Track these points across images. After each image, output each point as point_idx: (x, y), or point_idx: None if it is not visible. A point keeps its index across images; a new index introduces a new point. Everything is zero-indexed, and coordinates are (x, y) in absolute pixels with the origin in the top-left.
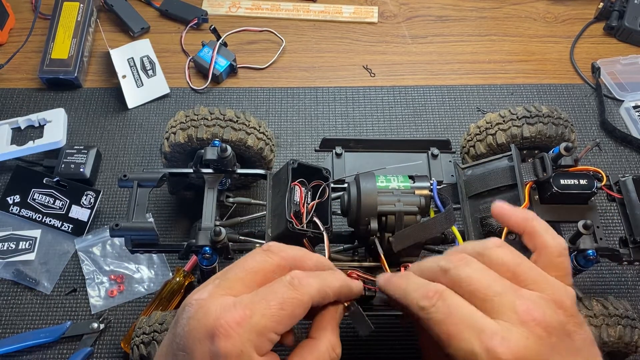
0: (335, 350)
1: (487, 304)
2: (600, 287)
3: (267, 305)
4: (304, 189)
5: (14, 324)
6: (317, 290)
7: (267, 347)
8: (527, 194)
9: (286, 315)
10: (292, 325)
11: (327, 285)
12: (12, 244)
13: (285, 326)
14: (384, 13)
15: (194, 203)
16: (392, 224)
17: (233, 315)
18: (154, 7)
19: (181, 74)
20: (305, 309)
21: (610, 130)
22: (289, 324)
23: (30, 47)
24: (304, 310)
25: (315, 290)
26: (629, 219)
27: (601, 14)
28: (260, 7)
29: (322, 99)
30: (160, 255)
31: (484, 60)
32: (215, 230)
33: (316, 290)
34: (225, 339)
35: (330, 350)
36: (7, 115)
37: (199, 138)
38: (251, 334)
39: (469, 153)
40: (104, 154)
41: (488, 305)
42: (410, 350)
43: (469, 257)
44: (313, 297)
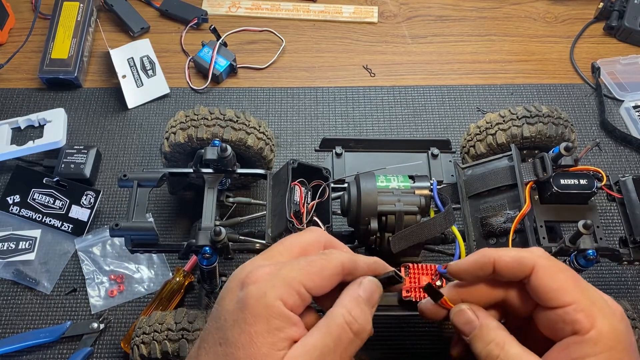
0: (351, 313)
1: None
2: (600, 287)
3: (297, 263)
4: (303, 188)
5: (14, 324)
6: (348, 258)
7: (294, 299)
8: (528, 195)
9: (314, 272)
10: (323, 287)
11: (359, 257)
12: (12, 244)
13: (315, 284)
14: (384, 13)
15: (194, 203)
16: (392, 224)
17: (264, 269)
18: (154, 7)
19: (181, 74)
20: (336, 273)
21: (610, 130)
22: (319, 283)
23: (30, 47)
24: (334, 271)
25: (346, 257)
26: (629, 219)
27: (601, 14)
28: (260, 7)
29: (322, 99)
30: (160, 255)
31: (484, 60)
32: (215, 230)
33: (347, 258)
34: (252, 284)
35: (345, 313)
36: (7, 115)
37: (199, 138)
38: (277, 281)
39: (469, 153)
40: (104, 154)
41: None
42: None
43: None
44: (343, 262)
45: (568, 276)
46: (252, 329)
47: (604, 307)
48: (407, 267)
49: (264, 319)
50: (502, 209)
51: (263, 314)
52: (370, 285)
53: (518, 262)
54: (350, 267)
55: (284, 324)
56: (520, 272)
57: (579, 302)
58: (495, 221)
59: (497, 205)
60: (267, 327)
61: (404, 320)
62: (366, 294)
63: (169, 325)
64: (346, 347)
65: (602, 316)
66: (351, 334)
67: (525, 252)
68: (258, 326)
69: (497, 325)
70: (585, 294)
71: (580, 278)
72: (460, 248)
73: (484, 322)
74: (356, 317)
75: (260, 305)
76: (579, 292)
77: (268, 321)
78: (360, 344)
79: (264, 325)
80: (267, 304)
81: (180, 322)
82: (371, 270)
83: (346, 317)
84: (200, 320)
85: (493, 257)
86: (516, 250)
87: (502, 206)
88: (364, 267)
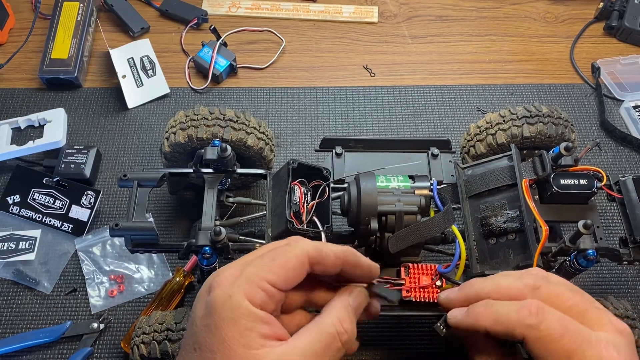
0: (342, 324)
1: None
2: (600, 287)
3: (260, 259)
4: (303, 188)
5: (14, 324)
6: (313, 246)
7: (259, 295)
8: (526, 189)
9: (277, 265)
10: (290, 280)
11: (325, 245)
12: (12, 244)
13: (280, 277)
14: (384, 13)
15: (194, 203)
16: (392, 224)
17: (230, 271)
18: (154, 7)
19: (181, 74)
20: (301, 263)
21: (610, 130)
22: (283, 275)
23: (30, 47)
24: (298, 262)
25: (310, 246)
26: (629, 218)
27: (601, 14)
28: (260, 7)
29: (322, 99)
30: (160, 255)
31: (484, 60)
32: (215, 230)
33: (312, 246)
34: (217, 288)
35: (337, 323)
36: (7, 115)
37: (199, 138)
38: (241, 282)
39: (469, 153)
40: (104, 154)
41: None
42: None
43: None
44: (308, 252)
45: (560, 347)
46: (222, 332)
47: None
48: (407, 267)
49: (232, 321)
50: (502, 209)
51: (231, 317)
52: (360, 296)
53: (509, 334)
54: (316, 256)
55: (254, 324)
56: (513, 339)
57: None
58: (495, 221)
59: (497, 205)
60: (238, 329)
61: (404, 320)
62: (355, 304)
63: (169, 325)
64: (333, 355)
65: None
66: (340, 344)
67: (515, 321)
68: (228, 329)
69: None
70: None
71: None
72: (461, 248)
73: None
74: (347, 328)
75: (227, 309)
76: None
77: (237, 323)
78: (345, 353)
79: (233, 328)
80: (233, 305)
81: (180, 322)
82: (339, 259)
83: (337, 327)
84: None
85: (485, 326)
86: (507, 318)
87: (502, 206)
88: (331, 256)
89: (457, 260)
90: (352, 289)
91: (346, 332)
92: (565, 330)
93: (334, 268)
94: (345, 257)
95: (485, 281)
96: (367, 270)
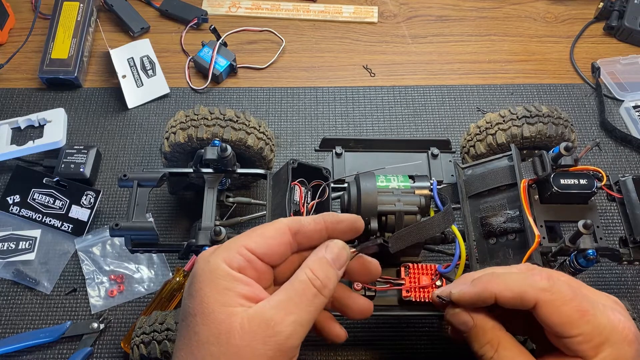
0: (314, 272)
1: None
2: (600, 287)
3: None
4: (303, 188)
5: (14, 324)
6: (291, 218)
7: (236, 259)
8: (524, 191)
9: (256, 234)
10: (269, 247)
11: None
12: (12, 244)
13: (258, 244)
14: (384, 13)
15: (194, 203)
16: (392, 224)
17: (212, 247)
18: (154, 7)
19: (181, 74)
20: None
21: (610, 130)
22: (260, 242)
23: (30, 47)
24: (275, 231)
25: (289, 219)
26: (629, 218)
27: (601, 14)
28: (260, 7)
29: (322, 99)
30: (160, 255)
31: (484, 60)
32: (215, 229)
33: (289, 218)
34: (199, 258)
35: (308, 271)
36: (7, 115)
37: (199, 138)
38: (220, 250)
39: (469, 153)
40: (104, 154)
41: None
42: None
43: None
44: (287, 223)
45: (573, 307)
46: (201, 293)
47: (612, 334)
48: (407, 267)
49: (211, 282)
50: (502, 209)
51: (209, 278)
52: (335, 247)
53: (520, 299)
54: (295, 225)
55: (231, 284)
56: (523, 306)
57: (585, 334)
58: (495, 221)
59: (497, 205)
60: (215, 289)
61: (404, 320)
62: (331, 255)
63: (169, 325)
64: (310, 300)
65: (609, 345)
66: (314, 289)
67: (527, 285)
68: (206, 289)
69: (492, 325)
70: (592, 323)
71: (586, 304)
72: (461, 248)
73: (480, 323)
74: (318, 275)
75: (205, 272)
76: (585, 323)
77: (214, 283)
78: (325, 300)
79: (212, 288)
80: (211, 268)
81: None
82: (319, 224)
83: (308, 275)
84: None
85: (494, 292)
86: (518, 284)
87: (502, 206)
88: (309, 221)
89: (457, 260)
90: (328, 243)
91: (319, 279)
92: (575, 293)
93: (317, 234)
94: (324, 218)
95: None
96: (351, 222)
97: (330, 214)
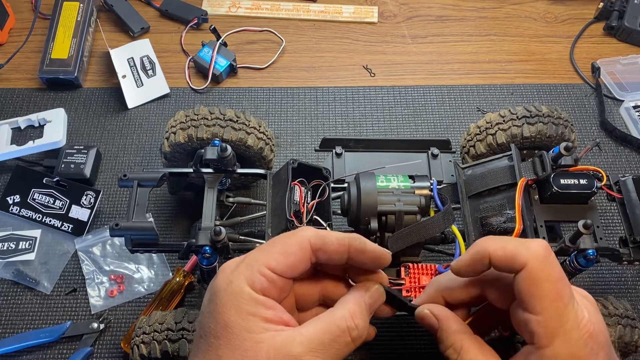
0: (354, 320)
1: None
2: (600, 287)
3: (261, 247)
4: (303, 188)
5: (14, 324)
6: (314, 233)
7: (259, 280)
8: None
9: (277, 250)
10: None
11: (328, 232)
12: (12, 244)
13: (279, 262)
14: (384, 13)
15: (194, 203)
16: (392, 224)
17: (234, 259)
18: (154, 7)
19: (181, 74)
20: (302, 249)
21: (610, 130)
22: (283, 261)
23: (30, 47)
24: (298, 247)
25: (312, 232)
26: (629, 218)
27: (601, 14)
28: (260, 7)
29: (322, 99)
30: (160, 255)
31: (484, 60)
32: (215, 230)
33: (313, 232)
34: (219, 275)
35: (347, 316)
36: (7, 115)
37: (199, 138)
38: (242, 267)
39: (469, 153)
40: (104, 154)
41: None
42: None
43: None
44: (309, 238)
45: (552, 287)
46: (225, 317)
47: (572, 329)
48: (407, 267)
49: (234, 306)
50: (502, 209)
51: (232, 301)
52: (376, 294)
53: (511, 259)
54: (318, 242)
55: (255, 308)
56: (511, 269)
57: (547, 316)
58: (495, 221)
59: (497, 205)
60: (239, 313)
61: (404, 320)
62: (371, 300)
63: (169, 325)
64: (340, 348)
65: (565, 339)
66: (348, 338)
67: (522, 247)
68: (229, 314)
69: (457, 329)
70: (559, 311)
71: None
72: (461, 248)
73: (444, 326)
74: (358, 324)
75: (228, 294)
76: (552, 307)
77: (238, 307)
78: (354, 348)
79: (235, 312)
80: (233, 290)
81: (180, 322)
82: (343, 246)
83: (348, 322)
84: None
85: (488, 251)
86: (513, 245)
87: (502, 206)
88: (334, 241)
89: None
90: (369, 285)
91: (357, 328)
92: (561, 276)
93: (338, 255)
94: (350, 242)
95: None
96: (375, 256)
97: (357, 238)
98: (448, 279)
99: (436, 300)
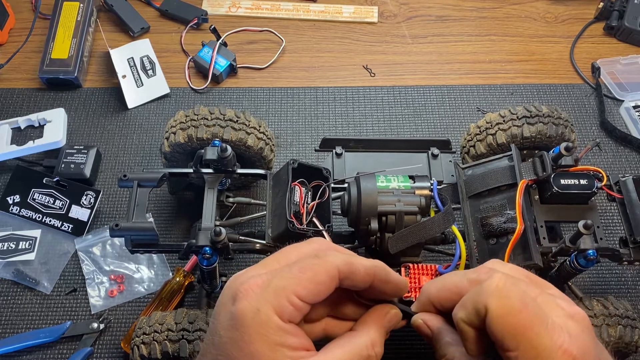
0: (374, 348)
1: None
2: (600, 287)
3: (288, 270)
4: (304, 189)
5: (14, 324)
6: (343, 261)
7: (288, 310)
8: (520, 193)
9: (306, 278)
10: (318, 294)
11: (356, 259)
12: (12, 244)
13: (308, 291)
14: (384, 13)
15: (194, 203)
16: (393, 224)
17: (256, 280)
18: (154, 7)
19: (181, 74)
20: (331, 277)
21: (610, 130)
22: (312, 290)
23: (30, 47)
24: (327, 276)
25: (340, 260)
26: (629, 219)
27: (601, 14)
28: (260, 7)
29: (322, 99)
30: (160, 255)
31: (484, 60)
32: (215, 230)
33: (342, 260)
34: (244, 299)
35: (369, 345)
36: (7, 115)
37: (199, 138)
38: (269, 294)
39: (469, 153)
40: (104, 154)
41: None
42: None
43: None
44: (338, 266)
45: (519, 320)
46: (251, 347)
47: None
48: (407, 267)
49: (262, 336)
50: (503, 209)
51: (260, 332)
52: (394, 319)
53: (476, 314)
54: (346, 271)
55: (283, 339)
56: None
57: (522, 350)
58: (495, 221)
59: (498, 205)
60: (267, 345)
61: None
62: (389, 325)
63: (169, 326)
64: None
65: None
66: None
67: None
68: (257, 345)
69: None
70: (533, 342)
71: (534, 319)
72: (461, 248)
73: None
74: (377, 352)
75: (256, 324)
76: (525, 340)
77: (266, 338)
78: None
79: (263, 344)
80: (262, 321)
81: (180, 323)
82: (369, 276)
83: (369, 351)
84: (200, 321)
85: (430, 294)
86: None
87: (503, 206)
88: (362, 271)
89: (457, 260)
90: (388, 310)
91: (377, 356)
92: (524, 304)
93: (363, 283)
94: (376, 272)
95: (434, 281)
96: (396, 286)
97: (383, 267)
98: (437, 288)
99: (428, 308)
